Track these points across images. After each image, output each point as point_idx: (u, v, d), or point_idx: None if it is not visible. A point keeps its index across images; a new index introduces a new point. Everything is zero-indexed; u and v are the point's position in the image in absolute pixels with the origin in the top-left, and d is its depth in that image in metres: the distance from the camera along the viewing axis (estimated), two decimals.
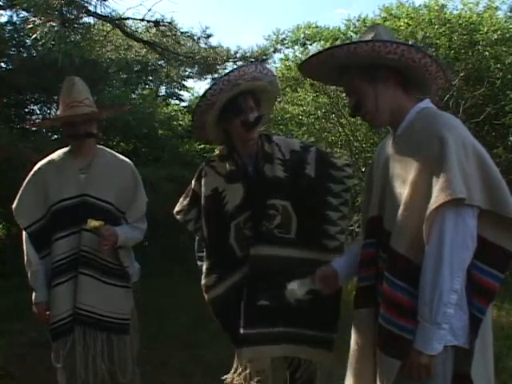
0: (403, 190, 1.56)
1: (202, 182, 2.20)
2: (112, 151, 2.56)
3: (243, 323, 2.01)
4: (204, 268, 2.18)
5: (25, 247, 2.39)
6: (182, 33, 5.32)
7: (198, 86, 10.14)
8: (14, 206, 2.42)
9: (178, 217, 2.29)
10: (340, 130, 7.50)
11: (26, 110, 6.81)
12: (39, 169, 2.44)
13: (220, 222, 2.13)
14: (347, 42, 2.02)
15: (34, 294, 2.38)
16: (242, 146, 2.11)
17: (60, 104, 2.40)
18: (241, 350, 2.05)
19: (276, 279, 1.98)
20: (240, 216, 2.10)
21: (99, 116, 2.57)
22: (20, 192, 2.43)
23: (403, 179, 1.58)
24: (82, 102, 2.35)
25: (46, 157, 2.49)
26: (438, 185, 1.45)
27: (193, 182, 2.27)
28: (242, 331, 2.01)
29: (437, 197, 1.45)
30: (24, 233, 2.40)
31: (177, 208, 2.31)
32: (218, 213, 2.13)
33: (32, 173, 2.44)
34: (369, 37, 1.65)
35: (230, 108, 2.02)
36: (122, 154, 2.62)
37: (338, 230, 2.11)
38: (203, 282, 2.18)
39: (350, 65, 1.65)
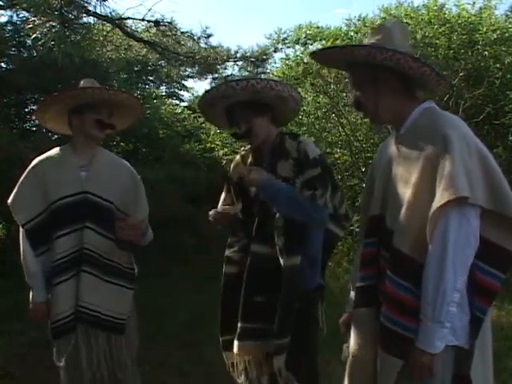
0: (406, 190, 1.57)
1: (231, 171, 2.33)
2: (109, 152, 2.55)
3: (242, 316, 2.05)
4: (234, 247, 2.23)
5: (21, 244, 2.34)
6: (182, 33, 5.34)
7: (198, 86, 10.17)
8: (10, 201, 2.36)
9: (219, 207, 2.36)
10: (340, 129, 7.50)
11: (26, 109, 6.80)
12: (37, 164, 2.38)
13: (246, 205, 2.20)
14: (348, 43, 2.15)
15: (31, 293, 2.35)
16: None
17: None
18: (243, 342, 2.07)
19: (270, 278, 2.03)
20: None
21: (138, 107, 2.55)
22: (17, 187, 2.37)
23: (406, 178, 1.58)
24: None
25: (43, 154, 2.44)
26: (441, 183, 1.46)
27: None
28: (240, 324, 2.05)
29: (441, 195, 1.45)
30: (21, 229, 2.35)
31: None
32: (246, 195, 2.20)
33: (30, 168, 2.38)
34: (375, 37, 1.67)
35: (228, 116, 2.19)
36: (122, 154, 2.62)
37: None
38: (233, 256, 2.23)
39: (354, 61, 1.66)
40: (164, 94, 10.11)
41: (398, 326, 1.54)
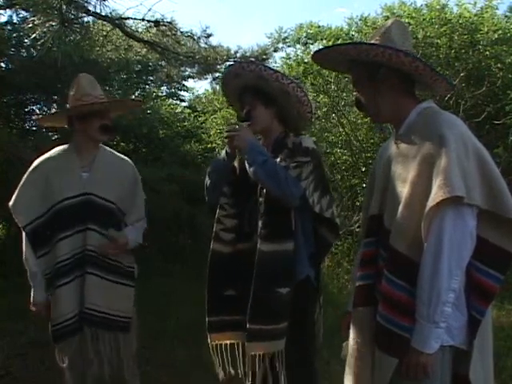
0: (404, 189, 1.56)
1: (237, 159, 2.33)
2: (112, 150, 2.55)
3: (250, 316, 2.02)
4: (224, 225, 2.23)
5: (24, 245, 2.34)
6: (182, 32, 5.33)
7: (199, 86, 10.17)
8: (11, 202, 2.35)
9: None
10: (340, 129, 7.49)
11: (26, 109, 6.80)
12: (39, 166, 2.38)
13: (244, 193, 2.20)
14: (345, 41, 2.15)
15: (32, 293, 2.35)
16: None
17: (80, 96, 2.31)
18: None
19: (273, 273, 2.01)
20: (259, 193, 2.13)
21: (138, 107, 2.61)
22: (18, 189, 2.36)
23: (404, 178, 1.58)
24: (104, 99, 2.38)
25: (43, 154, 2.44)
26: (436, 182, 1.46)
27: None
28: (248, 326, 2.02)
29: (435, 194, 1.45)
30: (23, 231, 2.34)
31: None
32: (245, 185, 2.19)
33: (31, 169, 2.37)
34: (375, 38, 1.68)
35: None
36: (122, 154, 2.60)
37: None
38: (221, 234, 2.21)
39: (354, 60, 1.67)
40: (164, 94, 10.09)
41: (394, 325, 1.54)
